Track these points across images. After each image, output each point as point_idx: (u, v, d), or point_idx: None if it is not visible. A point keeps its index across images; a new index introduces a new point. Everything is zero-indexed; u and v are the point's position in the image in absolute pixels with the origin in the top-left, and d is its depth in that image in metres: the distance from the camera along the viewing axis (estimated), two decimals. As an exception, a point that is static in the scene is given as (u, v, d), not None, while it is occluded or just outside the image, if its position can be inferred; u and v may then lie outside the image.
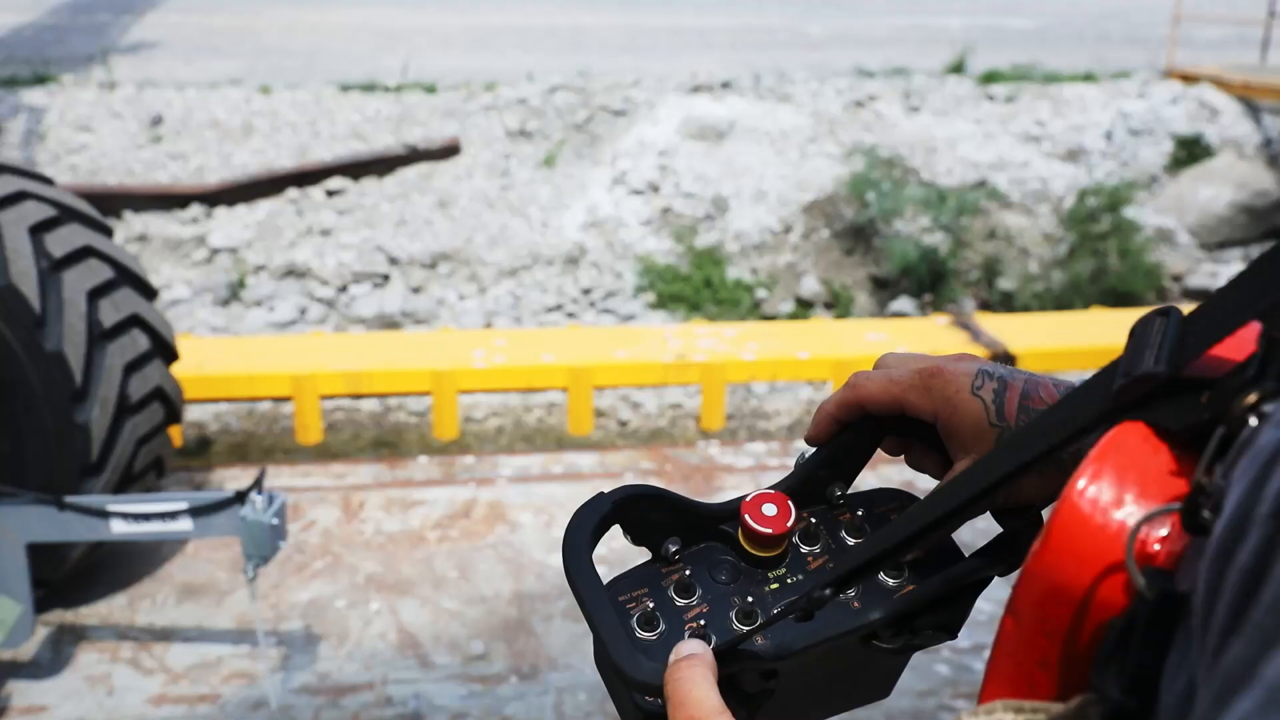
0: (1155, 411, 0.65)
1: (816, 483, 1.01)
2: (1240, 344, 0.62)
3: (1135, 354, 0.66)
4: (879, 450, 1.03)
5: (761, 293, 11.38)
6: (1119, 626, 0.60)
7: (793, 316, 11.08)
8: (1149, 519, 0.61)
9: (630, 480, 6.99)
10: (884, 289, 11.58)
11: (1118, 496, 0.63)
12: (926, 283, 11.35)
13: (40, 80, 14.01)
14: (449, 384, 6.99)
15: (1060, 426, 0.70)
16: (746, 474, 7.56)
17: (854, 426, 1.00)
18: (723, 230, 11.91)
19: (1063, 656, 0.64)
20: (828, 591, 0.84)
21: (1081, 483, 0.63)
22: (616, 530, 0.99)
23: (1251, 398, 0.57)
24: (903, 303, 11.20)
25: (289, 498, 6.07)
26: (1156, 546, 0.61)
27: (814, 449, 1.01)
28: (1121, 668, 0.59)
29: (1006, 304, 11.48)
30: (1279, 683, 0.42)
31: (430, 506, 6.91)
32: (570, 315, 11.03)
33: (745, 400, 9.25)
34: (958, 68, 15.30)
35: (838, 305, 11.37)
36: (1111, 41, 18.63)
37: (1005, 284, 11.62)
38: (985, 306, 11.47)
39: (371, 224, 11.82)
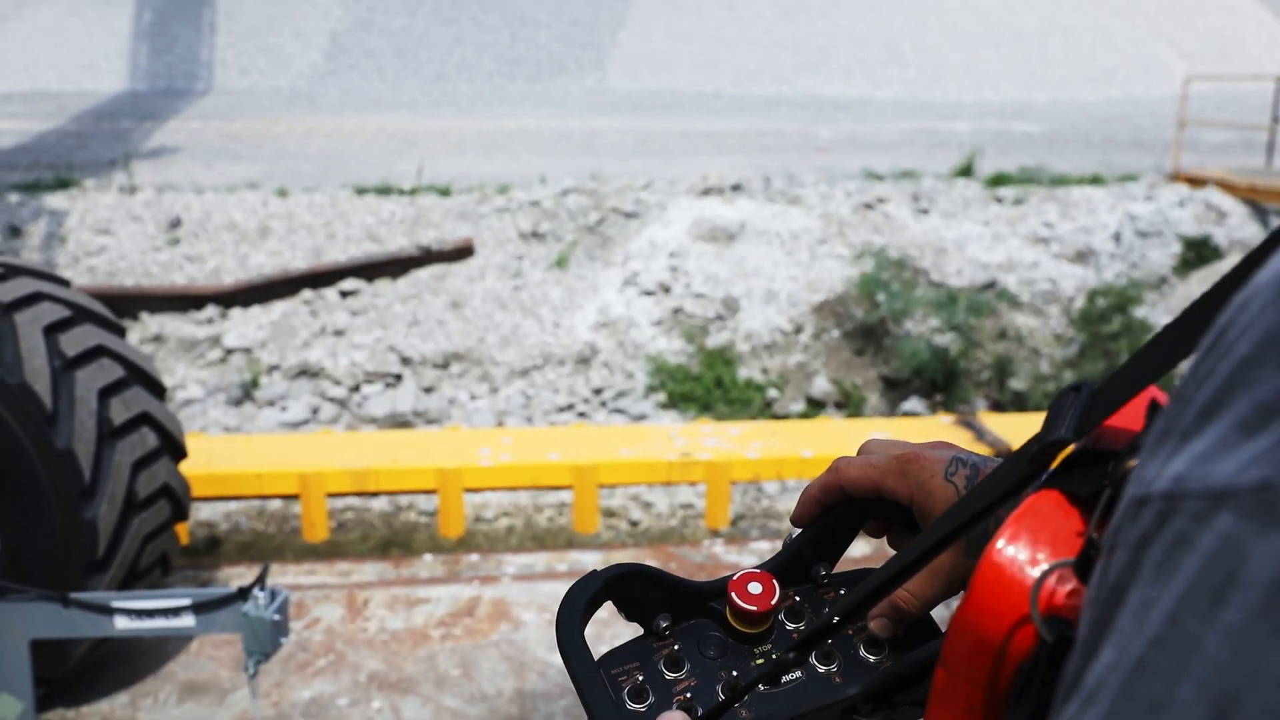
0: (1070, 479, 0.71)
1: (802, 562, 1.04)
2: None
3: (1049, 425, 0.71)
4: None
5: (772, 393, 11.39)
6: (1025, 670, 0.66)
7: (804, 416, 11.08)
8: (1050, 572, 0.67)
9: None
10: (895, 389, 11.59)
11: (1031, 555, 0.68)
12: (938, 383, 11.36)
13: (63, 185, 14.24)
14: (455, 482, 6.98)
15: (987, 494, 0.74)
16: (755, 574, 7.46)
17: (836, 509, 1.03)
18: (733, 330, 11.96)
19: (986, 702, 0.70)
20: (791, 656, 0.90)
21: (1000, 543, 0.69)
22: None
23: (1132, 462, 0.63)
24: (914, 403, 11.20)
25: (293, 595, 6.05)
26: (1062, 598, 0.66)
27: (799, 530, 1.04)
28: (1026, 707, 0.64)
29: (1019, 404, 11.47)
30: (1095, 687, 0.48)
31: (434, 604, 6.88)
32: (581, 415, 11.05)
33: (756, 500, 9.23)
34: (966, 170, 15.47)
35: (849, 405, 11.38)
36: (1118, 145, 18.83)
37: (1017, 384, 11.63)
38: (997, 407, 11.47)
39: (384, 324, 11.91)
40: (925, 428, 8.01)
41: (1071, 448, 0.71)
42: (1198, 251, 13.38)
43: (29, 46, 24.69)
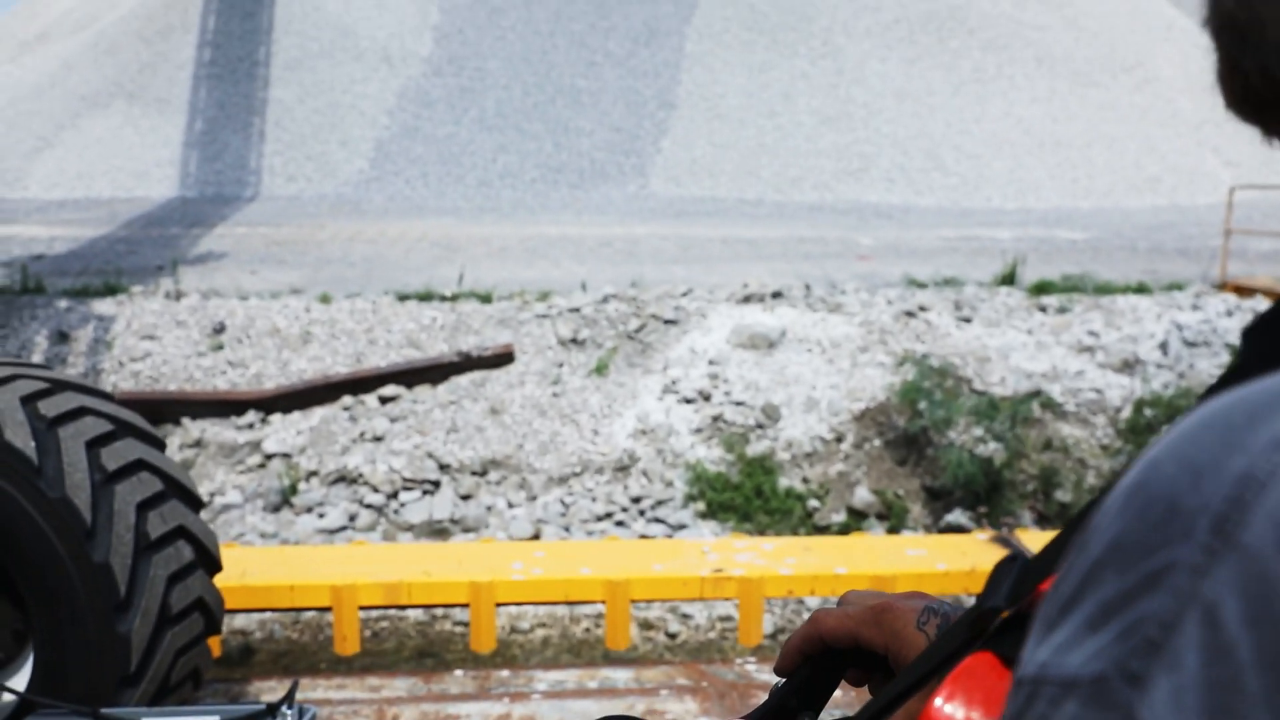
0: (1003, 643, 0.77)
1: (786, 712, 1.08)
2: None
3: (987, 592, 0.78)
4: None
5: (813, 503, 11.26)
6: None
7: (845, 527, 10.93)
8: None
9: (666, 696, 6.89)
10: (938, 500, 11.43)
11: (965, 714, 0.75)
12: (982, 494, 11.19)
13: (111, 291, 14.42)
14: (487, 596, 6.90)
15: (934, 655, 0.82)
16: (795, 692, 7.32)
17: (817, 659, 1.08)
18: (774, 439, 11.87)
19: None
20: None
21: (938, 701, 0.76)
22: None
23: None
24: (957, 515, 11.03)
25: (322, 711, 5.95)
26: None
27: (783, 680, 1.09)
28: None
29: (1064, 517, 11.27)
30: None
31: (467, 722, 6.75)
32: (620, 524, 10.94)
33: (798, 615, 9.07)
34: (1009, 278, 15.40)
35: (891, 516, 11.22)
36: (1164, 253, 18.73)
37: (1063, 496, 11.44)
38: (1042, 519, 11.28)
39: (423, 430, 11.89)
40: (962, 545, 7.86)
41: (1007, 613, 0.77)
42: (1246, 361, 13.19)
43: (84, 155, 25.21)
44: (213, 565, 6.20)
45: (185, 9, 28.35)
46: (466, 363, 12.79)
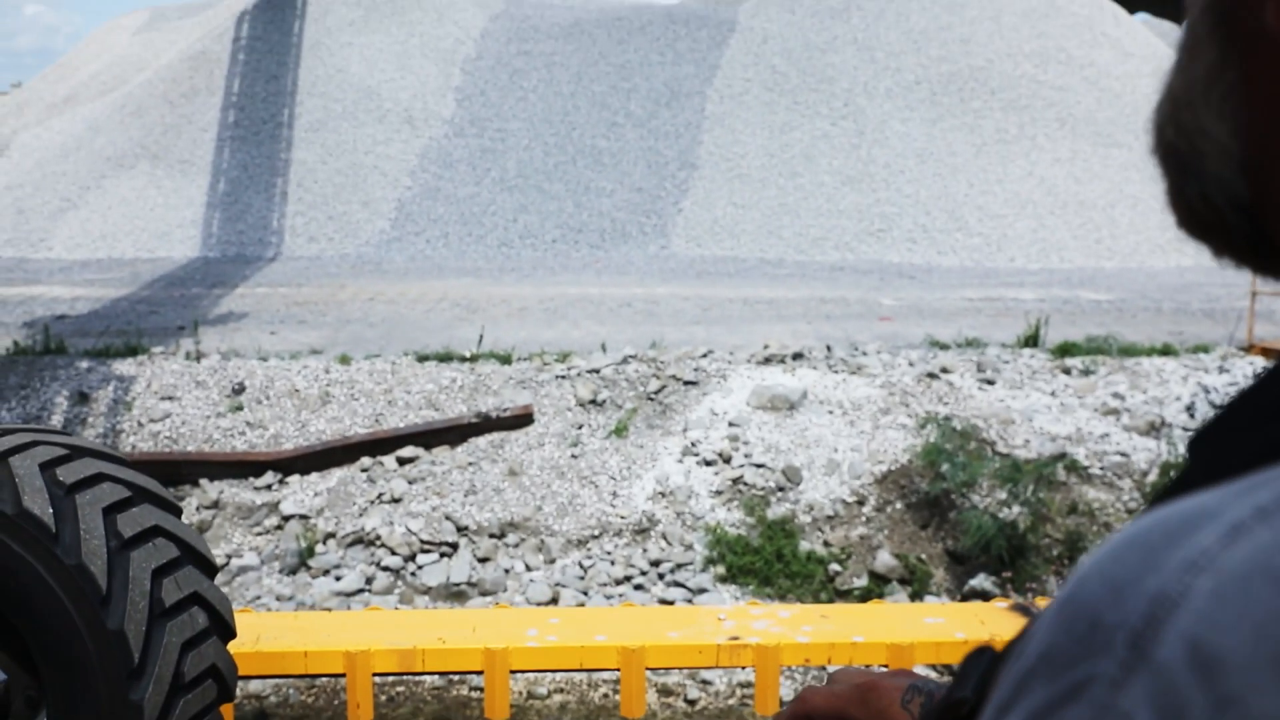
0: None
1: None
2: None
3: (957, 683, 0.81)
4: None
5: (835, 567, 11.13)
6: None
7: (867, 592, 10.79)
8: None
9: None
10: (961, 564, 11.28)
11: None
12: (1006, 558, 11.04)
13: (131, 352, 14.44)
14: (501, 663, 6.80)
15: None
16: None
17: None
18: (794, 502, 11.76)
19: None
20: None
21: None
22: None
23: None
24: (981, 579, 10.88)
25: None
26: None
27: None
28: None
29: (1089, 581, 11.10)
30: None
31: (484, 794, 6.64)
32: (639, 588, 10.83)
33: (816, 683, 8.93)
34: (1032, 340, 15.28)
35: (914, 581, 11.08)
36: (1189, 314, 18.61)
37: (1087, 560, 11.27)
38: (1067, 583, 11.10)
39: (441, 492, 11.83)
40: (981, 613, 7.73)
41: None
42: (1273, 424, 13.04)
43: (108, 215, 25.40)
44: (227, 632, 6.17)
45: (211, 72, 28.65)
46: (485, 424, 12.74)
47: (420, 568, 11.07)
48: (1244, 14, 0.62)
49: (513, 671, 7.02)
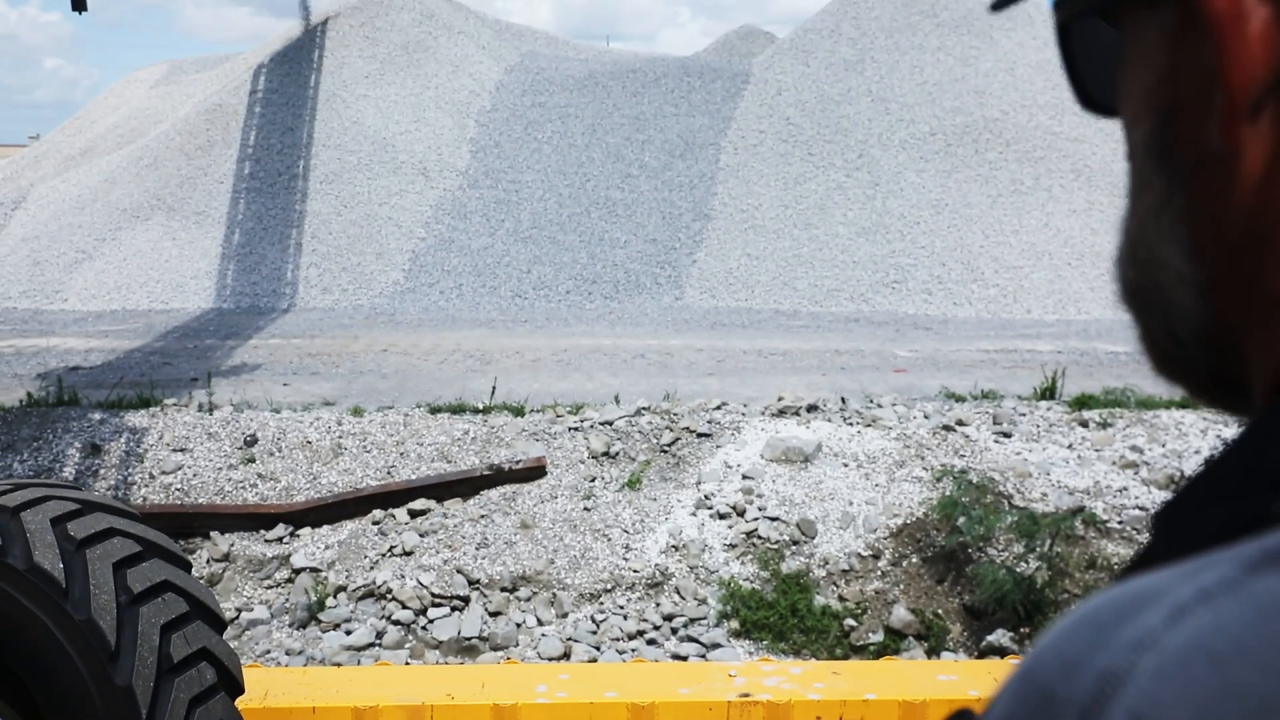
0: None
1: None
2: None
3: None
4: None
5: (850, 622, 11.00)
6: None
7: (882, 648, 10.66)
8: None
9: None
10: (978, 619, 11.14)
11: None
12: (1023, 613, 10.90)
13: (144, 404, 14.44)
14: (511, 721, 6.73)
15: None
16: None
17: None
18: (809, 555, 11.65)
19: None
20: None
21: None
22: None
23: None
24: (999, 635, 10.74)
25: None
26: None
27: None
28: None
29: (1108, 637, 10.96)
30: None
31: None
32: (652, 643, 10.72)
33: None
34: (1049, 392, 15.18)
35: (930, 637, 10.94)
36: (1204, 365, 18.45)
37: (1106, 616, 11.13)
38: (1086, 639, 10.96)
39: (453, 545, 11.74)
40: (995, 670, 7.62)
41: None
42: (1293, 477, 12.92)
43: (123, 267, 25.50)
44: (235, 688, 6.17)
45: (227, 124, 28.83)
46: (498, 476, 12.68)
47: (431, 622, 10.98)
48: (1185, 143, 0.66)
49: (522, 730, 6.94)
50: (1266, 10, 0.60)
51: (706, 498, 12.31)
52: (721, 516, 12.08)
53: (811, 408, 14.09)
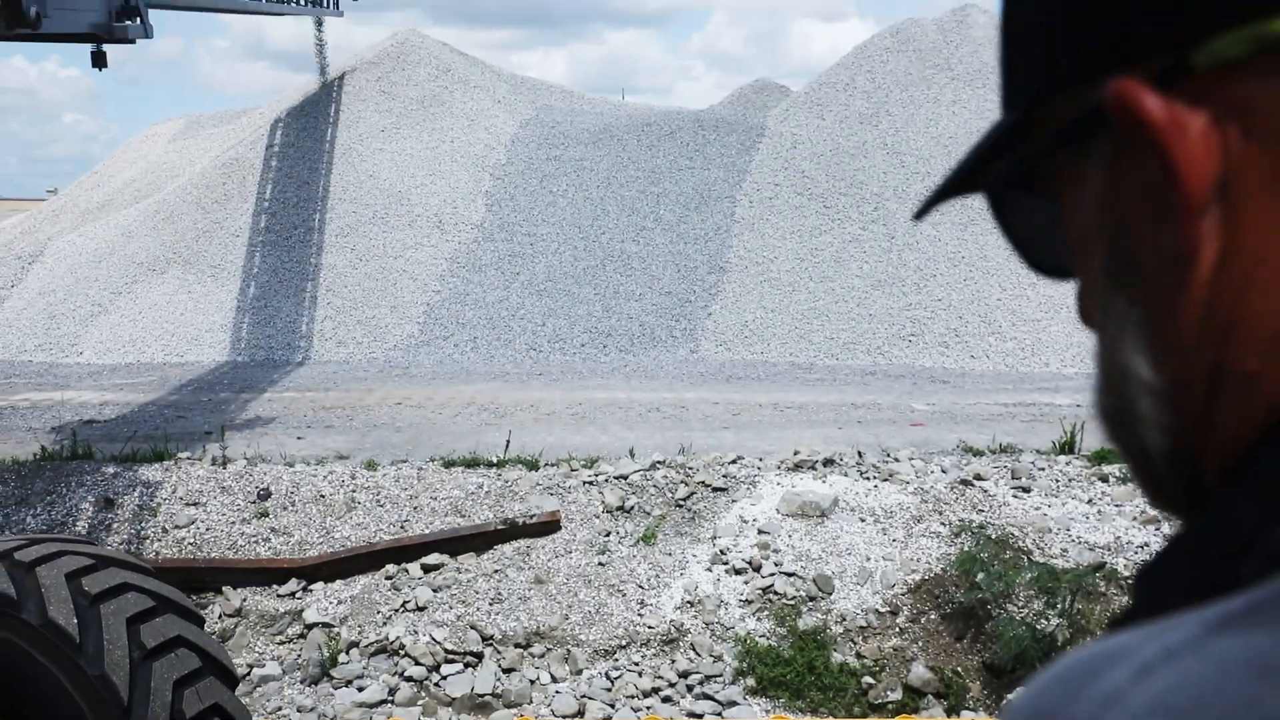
0: None
1: None
2: None
3: None
4: None
5: (868, 679, 10.85)
6: None
7: (901, 706, 10.50)
8: None
9: None
10: (999, 677, 10.98)
11: None
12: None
13: (158, 457, 14.41)
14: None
15: None
16: None
17: None
18: (826, 611, 11.52)
19: None
20: None
21: None
22: None
23: None
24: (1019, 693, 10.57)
25: None
26: None
27: None
28: None
29: (1131, 696, 10.80)
30: None
31: None
32: (667, 700, 10.58)
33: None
34: (1069, 446, 15.05)
35: (949, 695, 10.78)
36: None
37: (1129, 674, 10.97)
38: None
39: (466, 601, 11.64)
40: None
41: None
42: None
43: (138, 320, 25.55)
44: (244, 748, 6.10)
45: (244, 178, 28.99)
46: (512, 530, 12.59)
47: (444, 678, 10.86)
48: (1140, 255, 0.70)
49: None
50: (1201, 118, 0.65)
51: (722, 553, 12.20)
52: (737, 572, 11.96)
53: (828, 462, 13.99)
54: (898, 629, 11.41)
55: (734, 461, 13.93)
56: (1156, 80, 0.66)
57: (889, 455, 14.65)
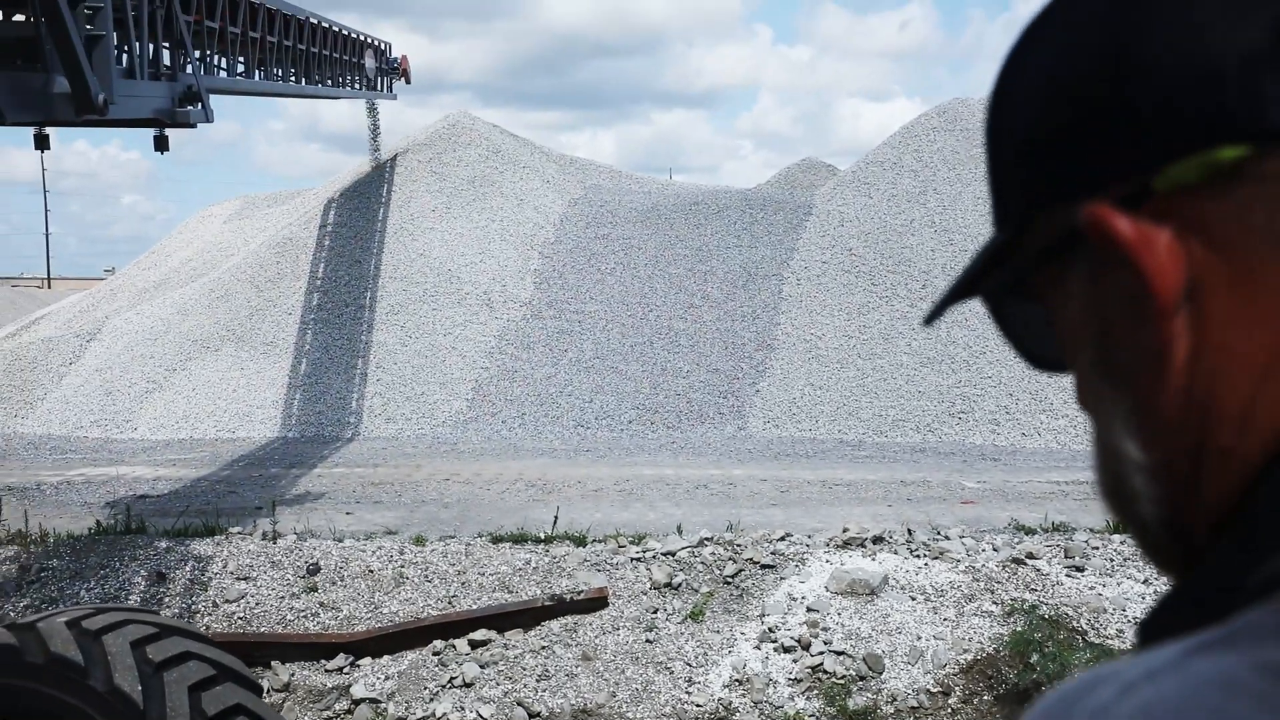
0: None
1: None
2: None
3: None
4: None
5: (920, 761, 10.69)
6: None
7: (955, 788, 10.33)
8: None
9: None
10: (1053, 760, 10.77)
11: None
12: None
13: (209, 532, 14.53)
14: None
15: None
16: None
17: None
18: (876, 691, 11.37)
19: None
20: None
21: None
22: None
23: None
24: (1075, 776, 10.38)
25: None
26: None
27: None
28: None
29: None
30: None
31: None
32: (716, 781, 10.46)
33: None
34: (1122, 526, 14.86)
35: (1003, 777, 10.59)
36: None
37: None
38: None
39: (513, 677, 11.59)
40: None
41: None
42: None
43: (192, 397, 25.86)
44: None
45: (296, 257, 29.40)
46: (559, 607, 12.55)
47: (491, 756, 10.80)
48: (1123, 352, 0.78)
49: None
50: (1166, 233, 0.74)
51: (770, 630, 12.10)
52: (786, 650, 11.85)
53: (877, 539, 13.88)
54: (950, 710, 11.25)
55: (782, 539, 13.85)
56: (1125, 202, 0.75)
57: (939, 533, 14.52)
